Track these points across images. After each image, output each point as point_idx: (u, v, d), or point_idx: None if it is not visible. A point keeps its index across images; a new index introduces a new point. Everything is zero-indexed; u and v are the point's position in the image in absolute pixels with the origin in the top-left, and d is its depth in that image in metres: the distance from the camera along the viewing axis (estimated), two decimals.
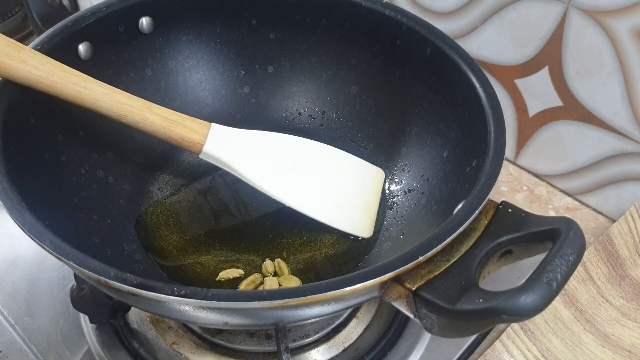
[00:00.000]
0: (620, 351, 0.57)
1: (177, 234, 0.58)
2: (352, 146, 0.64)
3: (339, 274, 0.39)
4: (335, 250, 0.57)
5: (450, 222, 0.42)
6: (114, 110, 0.50)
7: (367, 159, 0.62)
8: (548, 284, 0.37)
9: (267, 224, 0.59)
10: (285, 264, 0.56)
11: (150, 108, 0.52)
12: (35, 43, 0.52)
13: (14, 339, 0.57)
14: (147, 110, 0.52)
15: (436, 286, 0.40)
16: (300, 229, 0.58)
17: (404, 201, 0.60)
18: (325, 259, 0.57)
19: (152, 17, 0.60)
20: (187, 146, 0.54)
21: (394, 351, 0.56)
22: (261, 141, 0.57)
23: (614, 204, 0.69)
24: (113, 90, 0.51)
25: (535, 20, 0.64)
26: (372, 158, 0.63)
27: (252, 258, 0.57)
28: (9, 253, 0.64)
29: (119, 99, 0.50)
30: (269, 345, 0.55)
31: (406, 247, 0.40)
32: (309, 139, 0.60)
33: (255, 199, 0.59)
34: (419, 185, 0.59)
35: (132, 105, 0.51)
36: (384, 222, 0.60)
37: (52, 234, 0.40)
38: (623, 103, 0.62)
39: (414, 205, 0.58)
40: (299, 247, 0.58)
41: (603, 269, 0.63)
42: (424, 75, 0.57)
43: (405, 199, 0.60)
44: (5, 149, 0.45)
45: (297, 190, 0.57)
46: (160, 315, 0.55)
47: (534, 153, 0.73)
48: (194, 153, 0.55)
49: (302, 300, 0.38)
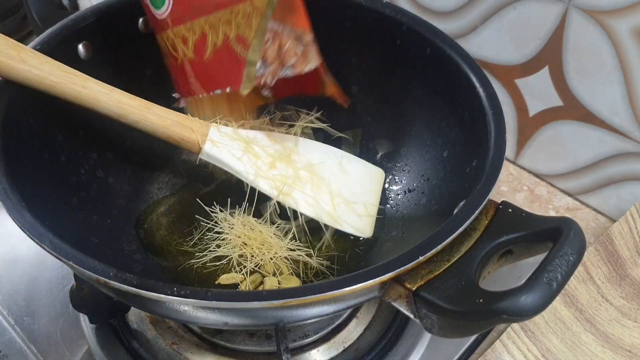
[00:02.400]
0: (621, 351, 0.57)
1: (176, 234, 0.58)
2: (352, 146, 0.64)
3: (339, 274, 0.39)
4: (335, 250, 0.57)
5: (450, 222, 0.42)
6: (114, 110, 0.50)
7: (367, 158, 0.62)
8: (548, 284, 0.37)
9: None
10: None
11: (150, 108, 0.52)
12: (35, 43, 0.52)
13: (14, 339, 0.57)
14: (146, 110, 0.52)
15: (436, 286, 0.40)
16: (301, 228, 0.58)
17: (404, 201, 0.60)
18: (325, 259, 0.57)
19: None
20: (187, 146, 0.54)
21: (394, 351, 0.56)
22: (261, 141, 0.57)
23: (614, 204, 0.69)
24: (112, 90, 0.51)
25: (535, 20, 0.64)
26: (372, 158, 0.63)
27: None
28: (9, 253, 0.64)
29: (118, 98, 0.50)
30: (269, 345, 0.55)
31: (406, 247, 0.40)
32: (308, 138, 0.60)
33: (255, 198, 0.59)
34: (419, 185, 0.59)
35: (132, 105, 0.51)
36: (384, 222, 0.60)
37: (52, 234, 0.40)
38: (623, 103, 0.62)
39: (414, 205, 0.58)
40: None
41: (603, 269, 0.63)
42: (424, 75, 0.57)
43: (405, 199, 0.60)
44: (5, 149, 0.45)
45: (297, 191, 0.57)
46: (160, 315, 0.55)
47: (534, 153, 0.73)
48: (193, 153, 0.55)
49: (302, 300, 0.38)
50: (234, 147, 0.56)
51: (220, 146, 0.55)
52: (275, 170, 0.57)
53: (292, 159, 0.58)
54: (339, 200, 0.58)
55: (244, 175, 0.55)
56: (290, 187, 0.57)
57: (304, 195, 0.57)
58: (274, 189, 0.56)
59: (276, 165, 0.57)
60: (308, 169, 0.58)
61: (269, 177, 0.56)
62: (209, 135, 0.54)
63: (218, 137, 0.55)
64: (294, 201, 0.56)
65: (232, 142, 0.56)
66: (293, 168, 0.58)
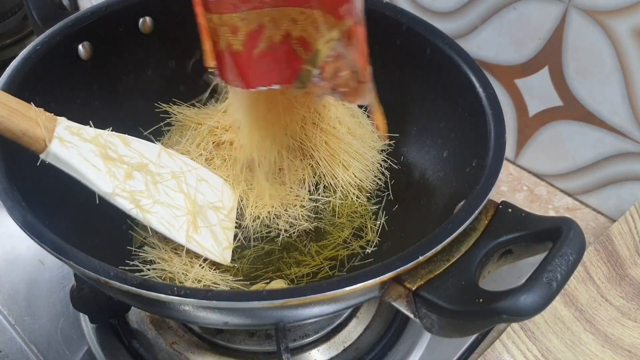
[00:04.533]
0: (620, 351, 0.57)
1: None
2: None
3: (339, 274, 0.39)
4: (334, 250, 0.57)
5: (450, 222, 0.42)
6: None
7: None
8: (548, 284, 0.37)
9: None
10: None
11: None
12: (35, 43, 0.52)
13: (14, 339, 0.57)
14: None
15: (436, 286, 0.40)
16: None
17: (404, 201, 0.60)
18: (325, 259, 0.57)
19: (152, 17, 0.60)
20: (28, 143, 0.45)
21: (394, 351, 0.56)
22: (116, 146, 0.50)
23: (614, 203, 0.69)
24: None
25: (535, 20, 0.64)
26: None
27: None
28: (9, 253, 0.64)
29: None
30: (269, 345, 0.55)
31: (406, 247, 0.40)
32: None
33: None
34: (419, 185, 0.59)
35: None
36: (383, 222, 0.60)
37: (52, 234, 0.40)
38: (623, 103, 0.62)
39: (414, 205, 0.58)
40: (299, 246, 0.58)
41: (603, 269, 0.63)
42: (424, 75, 0.57)
43: (405, 199, 0.60)
44: (5, 149, 0.45)
45: (152, 204, 0.50)
46: (160, 315, 0.55)
47: (534, 153, 0.73)
48: (36, 152, 0.46)
49: (302, 300, 0.38)
50: (86, 150, 0.47)
51: (69, 146, 0.46)
52: (131, 181, 0.49)
53: (150, 170, 0.51)
54: (201, 223, 0.53)
55: (97, 186, 0.48)
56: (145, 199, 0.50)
57: (159, 209, 0.50)
58: (132, 202, 0.49)
59: (132, 176, 0.50)
60: (163, 181, 0.51)
61: (126, 190, 0.49)
62: (57, 132, 0.46)
63: (67, 135, 0.46)
64: (148, 216, 0.50)
65: (83, 143, 0.47)
66: (152, 180, 0.51)
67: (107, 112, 0.59)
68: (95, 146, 0.48)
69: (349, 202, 0.60)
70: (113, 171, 0.48)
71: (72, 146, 0.47)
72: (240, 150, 0.58)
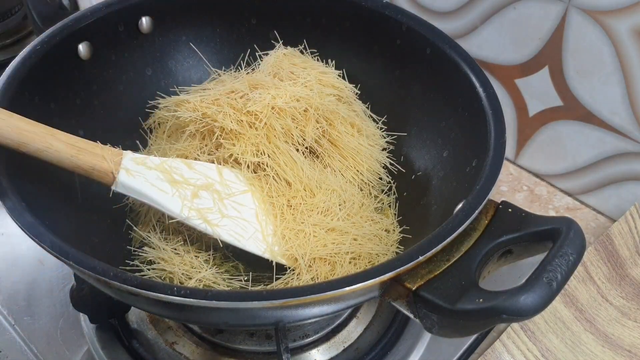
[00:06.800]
0: (621, 351, 0.57)
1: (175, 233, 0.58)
2: None
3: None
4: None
5: (450, 222, 0.42)
6: (12, 138, 0.44)
7: None
8: (548, 284, 0.37)
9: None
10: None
11: (55, 134, 0.46)
12: (35, 43, 0.52)
13: (14, 339, 0.57)
14: (51, 136, 0.46)
15: (436, 286, 0.40)
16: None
17: (404, 201, 0.60)
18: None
19: (152, 17, 0.60)
20: (99, 176, 0.48)
21: (394, 351, 0.56)
22: (180, 170, 0.52)
23: (614, 203, 0.69)
24: (11, 116, 0.45)
25: (535, 20, 0.64)
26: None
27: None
28: (9, 253, 0.64)
29: (17, 124, 0.45)
30: (269, 345, 0.55)
31: (406, 247, 0.40)
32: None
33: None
34: (419, 185, 0.59)
35: (34, 131, 0.45)
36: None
37: (52, 234, 0.40)
38: (623, 103, 0.62)
39: (414, 205, 0.58)
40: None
41: (603, 269, 0.63)
42: (424, 75, 0.57)
43: (405, 199, 0.60)
44: (5, 149, 0.45)
45: (223, 219, 0.52)
46: (160, 316, 0.55)
47: (534, 153, 0.73)
48: (106, 185, 0.49)
49: (302, 300, 0.38)
50: (152, 177, 0.50)
51: (136, 175, 0.49)
52: (199, 200, 0.51)
53: (216, 189, 0.53)
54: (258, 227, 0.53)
55: (167, 207, 0.50)
56: (215, 216, 0.52)
57: (229, 223, 0.52)
58: (200, 218, 0.51)
59: (199, 195, 0.52)
60: (229, 197, 0.53)
61: (194, 208, 0.51)
62: (123, 164, 0.49)
63: (133, 165, 0.50)
64: (221, 231, 0.51)
65: (148, 170, 0.50)
66: (219, 197, 0.52)
67: (107, 112, 0.59)
68: (160, 172, 0.51)
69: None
70: (180, 192, 0.51)
71: (138, 175, 0.50)
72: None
